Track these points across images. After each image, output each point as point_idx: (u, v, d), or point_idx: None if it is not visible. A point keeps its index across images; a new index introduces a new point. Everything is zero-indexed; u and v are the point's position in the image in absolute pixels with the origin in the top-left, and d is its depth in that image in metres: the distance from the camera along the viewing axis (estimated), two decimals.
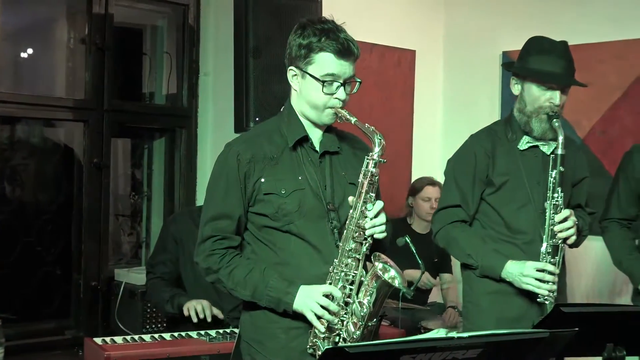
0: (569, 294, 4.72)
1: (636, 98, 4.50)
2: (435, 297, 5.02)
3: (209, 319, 3.45)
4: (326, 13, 4.32)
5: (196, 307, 3.47)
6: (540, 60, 2.93)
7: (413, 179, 5.08)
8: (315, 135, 2.53)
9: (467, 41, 5.28)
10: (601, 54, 4.63)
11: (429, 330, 3.85)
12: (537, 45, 2.98)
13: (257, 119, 3.85)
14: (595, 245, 3.56)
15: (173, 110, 4.86)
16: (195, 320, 3.45)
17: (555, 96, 2.91)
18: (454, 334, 1.71)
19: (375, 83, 5.00)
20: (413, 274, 4.63)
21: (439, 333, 1.72)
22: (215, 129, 4.73)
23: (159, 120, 4.87)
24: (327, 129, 2.55)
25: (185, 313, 3.48)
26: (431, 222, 3.27)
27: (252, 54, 4.00)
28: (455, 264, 4.48)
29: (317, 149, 2.51)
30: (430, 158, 5.28)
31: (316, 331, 2.38)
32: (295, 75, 2.47)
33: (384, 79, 5.06)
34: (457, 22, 5.36)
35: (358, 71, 5.10)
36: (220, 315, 3.51)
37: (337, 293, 2.35)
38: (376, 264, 2.35)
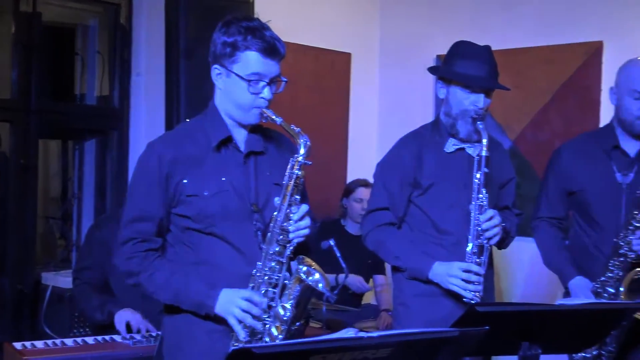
0: (506, 295, 4.82)
1: (564, 102, 4.60)
2: (369, 299, 5.05)
3: (142, 332, 3.37)
4: (259, 14, 4.33)
5: (129, 322, 3.39)
6: (464, 65, 2.96)
7: (348, 180, 5.10)
8: (240, 135, 2.50)
9: (402, 44, 5.33)
10: (530, 58, 4.73)
11: None
12: (462, 50, 3.02)
13: (188, 120, 3.82)
14: (531, 247, 3.62)
15: (105, 111, 4.80)
16: (126, 335, 3.37)
17: (480, 99, 2.94)
18: (363, 334, 1.71)
19: (310, 85, 5.00)
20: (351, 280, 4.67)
21: (348, 333, 1.72)
22: (147, 130, 4.66)
23: (91, 121, 4.80)
24: (253, 129, 2.51)
25: (118, 327, 3.40)
26: (360, 225, 3.28)
27: (184, 54, 3.97)
28: (389, 266, 4.51)
29: (242, 149, 2.48)
30: (365, 160, 5.29)
31: (239, 337, 2.34)
32: (220, 73, 2.43)
33: (319, 81, 5.06)
34: (392, 26, 5.41)
35: (293, 73, 5.11)
36: (154, 332, 3.41)
37: (258, 299, 2.33)
38: (300, 267, 2.33)
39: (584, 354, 3.06)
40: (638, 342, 3.02)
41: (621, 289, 2.92)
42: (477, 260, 2.89)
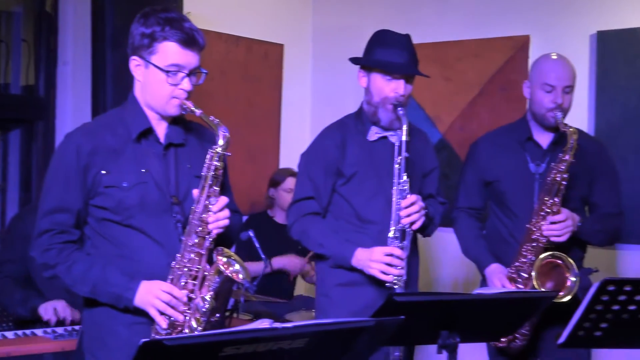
0: (433, 284, 4.89)
1: (492, 95, 4.68)
2: (300, 290, 5.06)
3: (68, 321, 3.32)
4: (188, 3, 4.28)
5: (56, 308, 3.33)
6: (384, 52, 2.99)
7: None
8: (160, 127, 2.48)
9: (334, 36, 5.34)
10: (460, 52, 4.79)
11: None
12: (381, 38, 3.06)
13: (115, 109, 3.77)
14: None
15: (30, 101, 4.66)
16: (53, 324, 3.31)
17: (400, 86, 2.98)
18: (278, 325, 1.71)
19: (242, 76, 4.98)
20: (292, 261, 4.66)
21: (263, 324, 1.71)
22: (74, 120, 4.55)
23: (16, 111, 4.65)
24: (174, 121, 2.50)
25: (44, 317, 3.33)
26: (286, 215, 3.28)
27: (110, 43, 3.92)
28: None
29: (162, 141, 2.46)
30: (298, 151, 5.23)
31: (158, 327, 2.34)
32: (139, 65, 2.42)
33: (251, 72, 5.04)
34: (325, 17, 5.42)
35: (225, 64, 5.10)
36: (78, 316, 3.37)
37: (177, 292, 2.32)
38: (219, 258, 2.32)
39: None
40: (551, 324, 3.10)
41: (533, 273, 3.00)
42: (399, 245, 2.91)
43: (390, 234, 2.92)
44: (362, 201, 3.06)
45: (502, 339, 3.13)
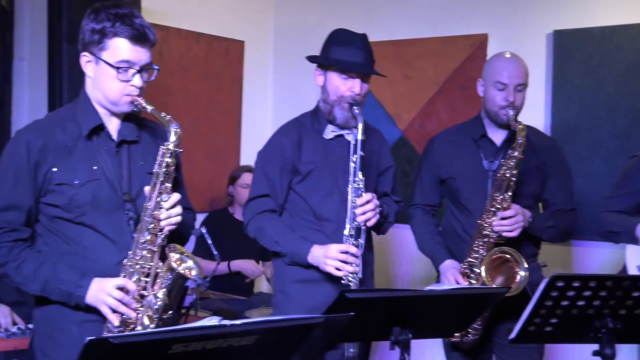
0: (392, 280, 4.92)
1: (451, 93, 4.71)
2: (260, 287, 5.06)
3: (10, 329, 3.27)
4: (147, 0, 4.25)
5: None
6: (340, 51, 3.00)
7: None
8: (113, 124, 2.47)
9: (296, 33, 5.33)
10: (419, 50, 4.81)
11: None
12: (338, 37, 3.06)
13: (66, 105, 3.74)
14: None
15: None
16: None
17: (356, 85, 2.99)
18: (226, 322, 1.71)
19: (202, 73, 4.96)
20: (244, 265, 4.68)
21: (212, 321, 1.71)
22: (30, 116, 4.48)
23: None
24: (127, 118, 2.49)
25: None
26: (242, 213, 3.28)
27: (67, 38, 3.88)
28: None
29: (114, 138, 2.45)
30: (259, 149, 5.29)
31: (110, 324, 2.33)
32: (89, 61, 2.40)
33: (212, 69, 5.02)
34: (287, 15, 5.42)
35: (185, 60, 5.07)
36: (22, 325, 3.31)
37: (132, 286, 2.31)
38: (171, 255, 2.32)
39: None
40: (504, 319, 3.14)
41: (482, 268, 3.03)
42: (354, 242, 2.93)
43: (346, 232, 2.94)
44: (318, 199, 3.07)
45: (455, 335, 3.17)
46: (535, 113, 4.25)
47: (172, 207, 2.36)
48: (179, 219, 2.38)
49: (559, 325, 2.36)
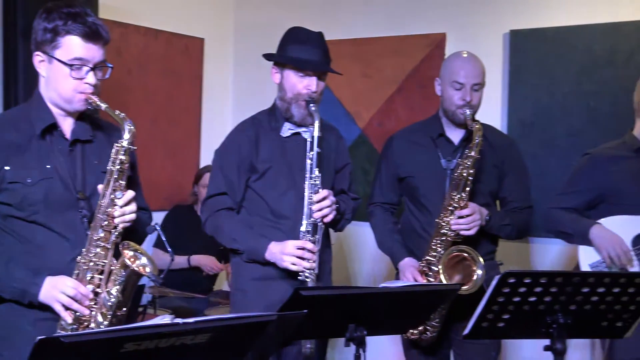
0: (353, 278, 4.95)
1: (409, 92, 4.76)
2: (221, 285, 5.06)
3: None
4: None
5: None
6: (297, 49, 3.03)
7: (201, 166, 5.08)
8: (66, 123, 2.48)
9: (255, 31, 5.34)
10: (379, 48, 4.85)
11: None
12: (294, 36, 3.09)
13: (20, 105, 3.71)
14: None
15: None
16: None
17: (312, 83, 3.01)
18: (179, 320, 1.71)
19: (161, 70, 4.94)
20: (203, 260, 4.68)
21: (164, 319, 1.72)
22: None
23: None
24: (81, 117, 2.50)
25: None
26: (200, 211, 3.29)
27: (22, 34, 3.84)
28: None
29: (68, 137, 2.46)
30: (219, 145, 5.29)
31: (63, 322, 2.33)
32: (42, 60, 2.41)
33: (171, 66, 5.01)
34: (246, 12, 5.43)
35: (144, 58, 5.02)
36: None
37: (84, 289, 2.32)
38: (125, 252, 2.34)
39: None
40: (462, 316, 3.19)
41: (440, 267, 3.08)
42: (311, 238, 2.96)
43: (302, 228, 2.96)
44: (275, 196, 3.09)
45: (413, 332, 3.21)
46: (492, 111, 4.31)
47: (127, 204, 2.37)
48: (133, 216, 2.39)
49: (511, 320, 2.41)
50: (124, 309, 2.35)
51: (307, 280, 2.93)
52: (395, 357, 4.29)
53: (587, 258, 3.22)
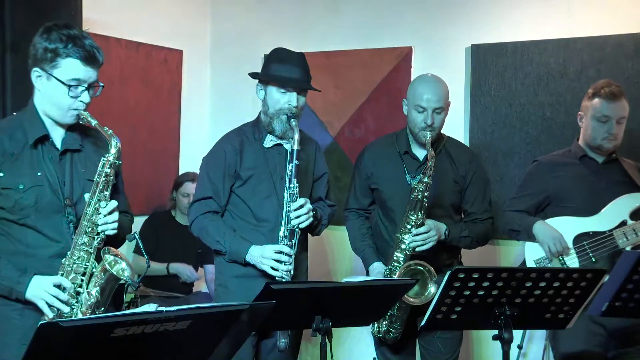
0: (331, 277, 5.13)
1: (378, 102, 4.97)
2: (200, 286, 5.24)
3: None
4: (87, 9, 4.39)
5: None
6: (279, 68, 3.29)
7: (180, 173, 5.27)
8: (58, 134, 2.68)
9: (232, 42, 5.51)
10: (349, 61, 5.06)
11: None
12: (277, 55, 3.35)
13: (14, 114, 3.85)
14: None
15: None
16: None
17: (293, 98, 3.27)
18: (162, 308, 1.94)
19: (141, 81, 5.09)
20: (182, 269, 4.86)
21: (149, 307, 1.94)
22: None
23: None
24: (71, 127, 2.71)
25: None
26: (187, 214, 3.52)
27: (11, 48, 3.98)
28: None
29: (59, 146, 2.67)
30: (197, 154, 5.26)
31: (46, 318, 2.53)
32: (40, 76, 2.61)
33: (151, 77, 5.16)
34: (223, 24, 5.58)
35: (124, 70, 5.18)
36: None
37: (67, 284, 2.54)
38: (106, 257, 2.57)
39: (378, 328, 3.46)
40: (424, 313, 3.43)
41: (394, 276, 3.30)
42: (289, 243, 3.19)
43: (281, 233, 3.21)
44: (257, 201, 3.33)
45: (379, 331, 3.46)
46: (455, 121, 4.52)
47: (109, 213, 2.60)
48: (115, 224, 2.62)
49: (463, 312, 2.63)
50: (102, 308, 2.57)
51: (283, 279, 3.16)
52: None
53: (532, 254, 3.47)
